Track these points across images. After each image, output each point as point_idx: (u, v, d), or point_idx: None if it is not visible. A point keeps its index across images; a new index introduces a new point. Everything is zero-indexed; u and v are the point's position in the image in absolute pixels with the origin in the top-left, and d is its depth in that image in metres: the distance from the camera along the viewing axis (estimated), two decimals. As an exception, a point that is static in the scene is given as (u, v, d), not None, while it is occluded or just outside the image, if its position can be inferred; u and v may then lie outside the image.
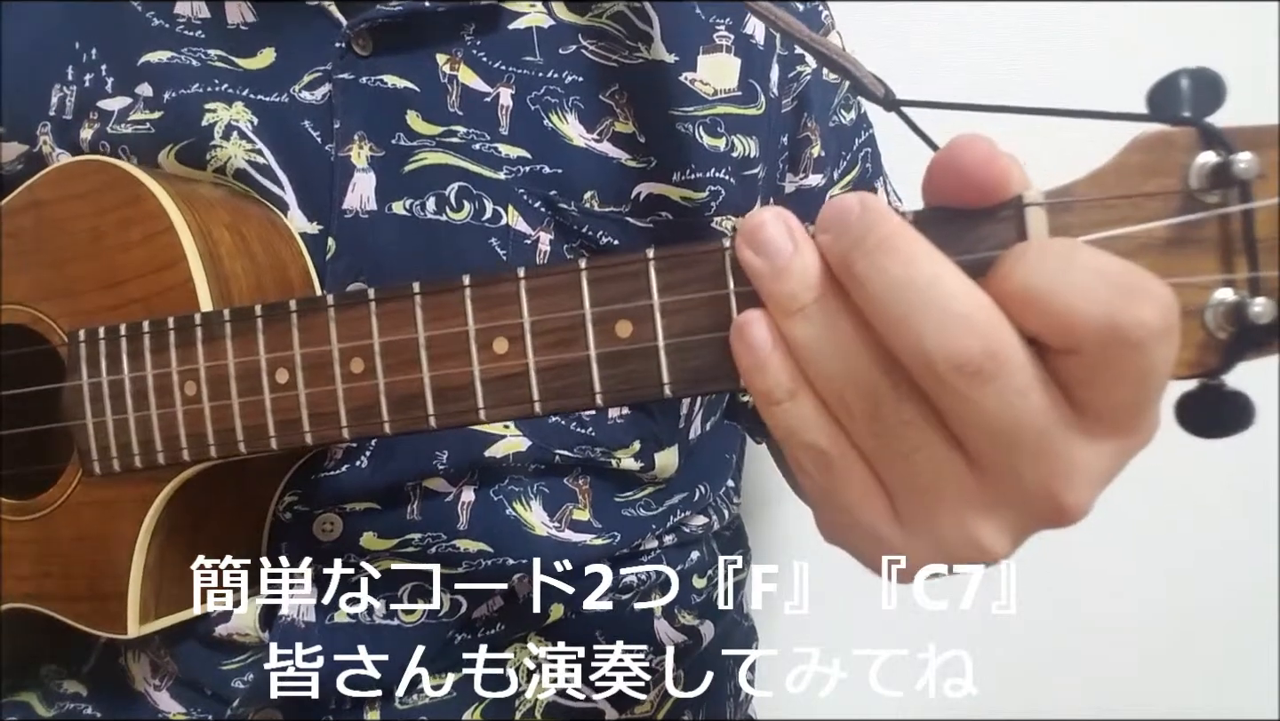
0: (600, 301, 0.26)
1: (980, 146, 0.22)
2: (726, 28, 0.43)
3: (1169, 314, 0.20)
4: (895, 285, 0.21)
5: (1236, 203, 0.22)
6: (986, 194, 0.23)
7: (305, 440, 0.31)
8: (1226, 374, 0.23)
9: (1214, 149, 0.22)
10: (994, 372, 0.21)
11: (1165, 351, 0.20)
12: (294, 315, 0.31)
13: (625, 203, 0.42)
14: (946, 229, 0.23)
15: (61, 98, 0.42)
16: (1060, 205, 0.23)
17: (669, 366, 0.26)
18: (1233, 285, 0.22)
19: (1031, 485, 0.22)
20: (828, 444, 0.23)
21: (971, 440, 0.22)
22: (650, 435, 0.45)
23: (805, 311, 0.23)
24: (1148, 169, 0.23)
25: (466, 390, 0.28)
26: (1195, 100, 0.23)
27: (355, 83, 0.40)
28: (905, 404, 0.22)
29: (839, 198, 0.23)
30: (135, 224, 0.35)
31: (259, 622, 0.40)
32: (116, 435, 0.34)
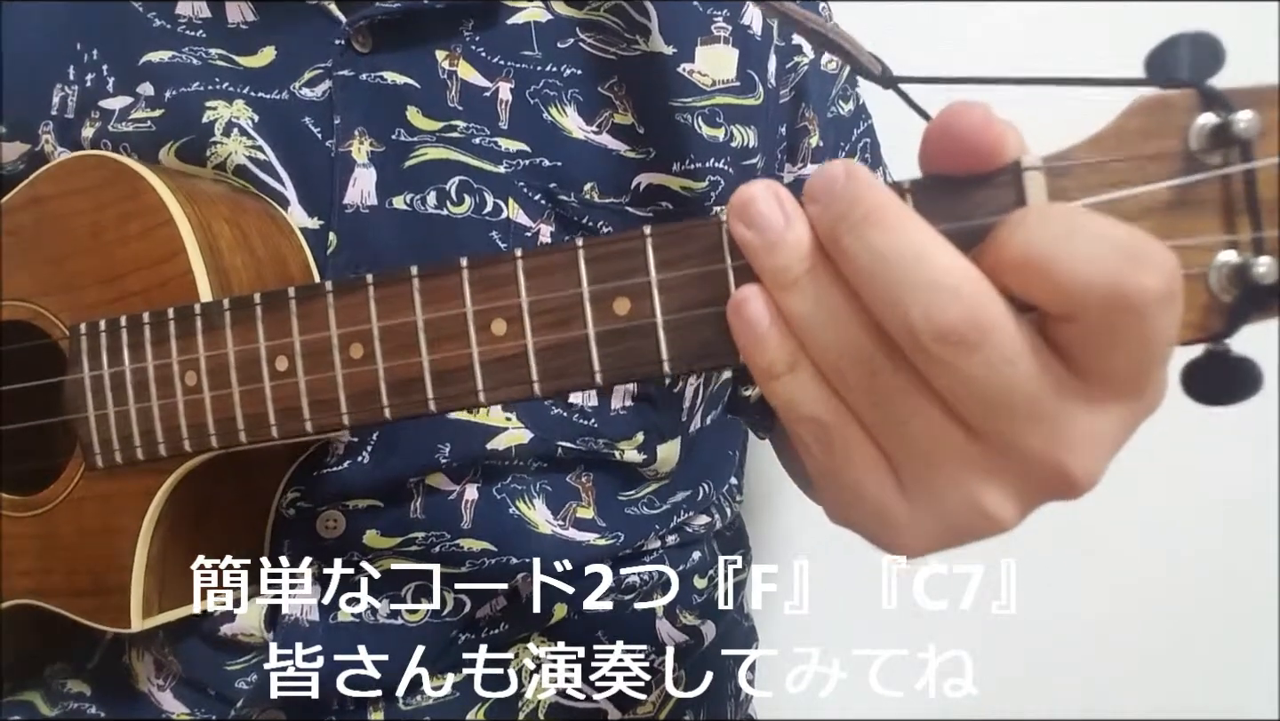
0: (598, 279, 0.26)
1: (975, 112, 0.22)
2: (724, 19, 0.43)
3: (1172, 279, 0.20)
4: (880, 258, 0.21)
5: (1238, 162, 0.22)
6: (983, 159, 0.22)
7: (306, 428, 0.31)
8: (1231, 337, 0.23)
9: (1214, 109, 0.22)
10: (979, 341, 0.21)
11: (1169, 317, 0.20)
12: (293, 302, 0.31)
13: (625, 193, 0.42)
14: (943, 196, 0.23)
15: (63, 97, 0.43)
16: (1059, 169, 0.22)
17: (668, 343, 0.26)
18: (1236, 246, 0.22)
19: (1033, 452, 0.21)
20: (828, 416, 0.23)
21: (964, 408, 0.22)
22: (653, 426, 0.44)
23: (799, 284, 0.23)
24: (1147, 131, 0.23)
25: (465, 372, 0.28)
26: (1194, 64, 0.23)
27: (355, 79, 0.40)
28: (903, 373, 0.22)
29: (825, 166, 0.23)
30: (135, 217, 0.35)
31: (264, 623, 0.40)
32: (118, 427, 0.34)
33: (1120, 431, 0.22)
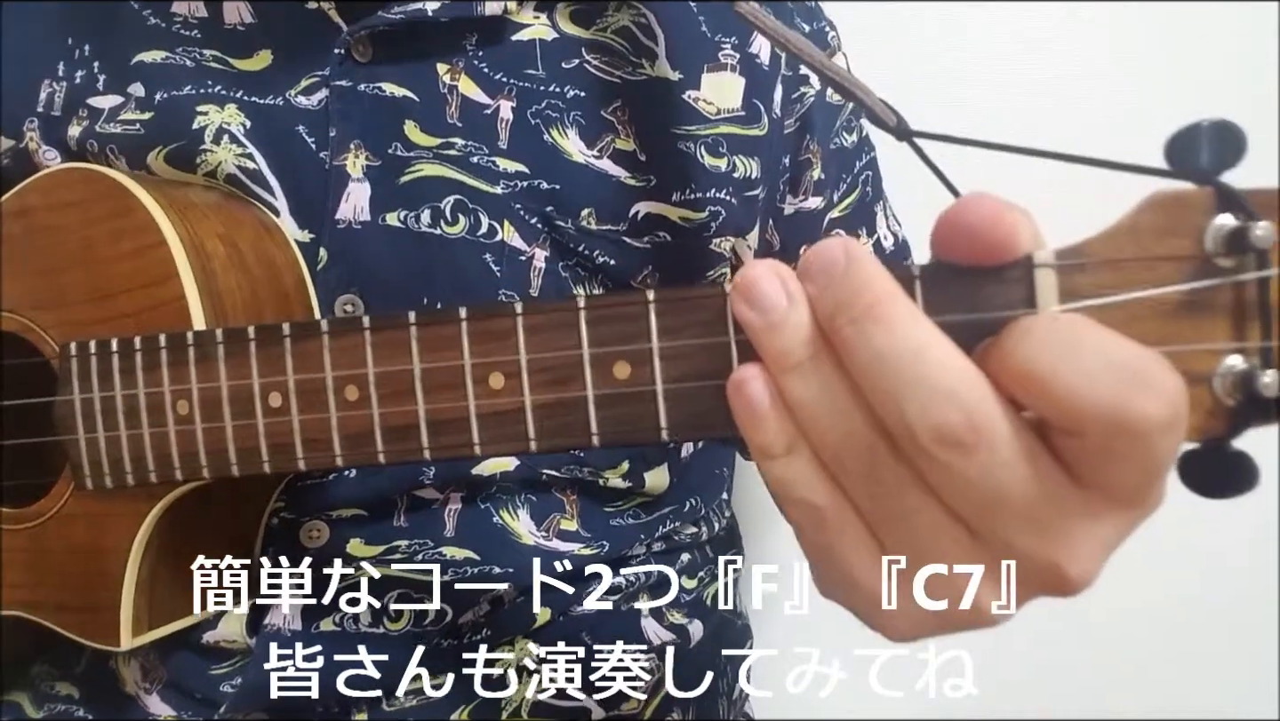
0: (598, 342, 0.26)
1: (987, 205, 0.22)
2: (732, 46, 0.42)
3: (1176, 406, 0.20)
4: (879, 355, 0.21)
5: (1252, 269, 0.21)
6: (995, 254, 0.22)
7: (299, 466, 0.31)
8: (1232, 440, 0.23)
9: (1232, 212, 0.22)
10: (975, 444, 0.20)
11: (1171, 441, 0.20)
12: (287, 340, 0.30)
13: (623, 221, 0.41)
14: (953, 287, 0.23)
15: (50, 94, 0.41)
16: (1071, 266, 0.22)
17: (667, 410, 0.26)
18: (1243, 353, 0.22)
19: (1029, 554, 0.22)
20: (823, 500, 0.23)
21: (962, 508, 0.22)
22: (639, 455, 0.44)
23: (800, 368, 0.22)
24: (1162, 229, 0.22)
25: (462, 424, 0.28)
26: (1214, 153, 0.23)
27: (353, 90, 0.39)
28: (901, 466, 0.22)
29: (823, 245, 0.22)
30: (126, 236, 0.34)
31: (245, 629, 0.40)
32: (108, 451, 0.34)
33: (1116, 536, 0.22)
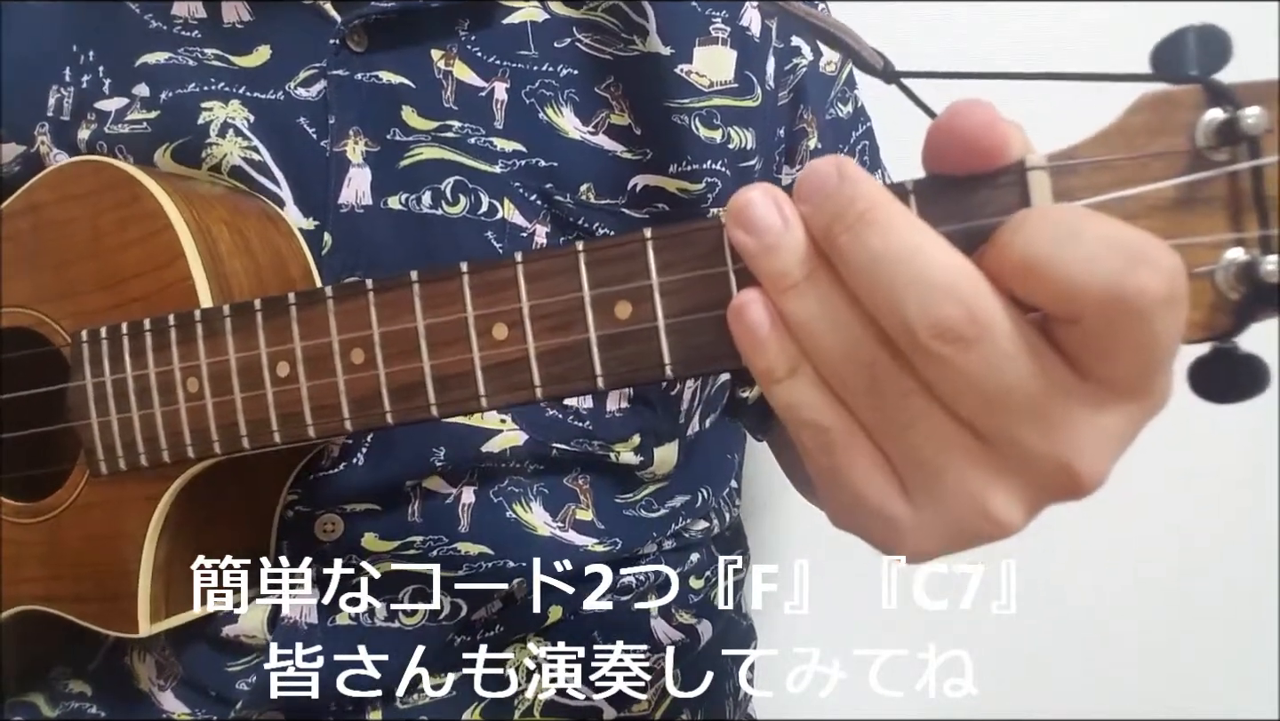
0: (598, 283, 0.26)
1: (980, 111, 0.22)
2: (723, 20, 0.43)
3: (1175, 281, 0.19)
4: (876, 257, 0.21)
5: (1245, 159, 0.21)
6: (988, 159, 0.22)
7: (308, 433, 0.31)
8: (1238, 335, 0.23)
9: (1220, 105, 0.22)
10: (977, 337, 0.20)
11: (1172, 319, 0.20)
12: (293, 308, 0.30)
13: (621, 195, 0.42)
14: (947, 196, 0.23)
15: (59, 99, 0.43)
16: (1064, 168, 0.22)
17: (670, 346, 0.26)
18: (1243, 244, 0.22)
19: (1038, 452, 0.21)
20: (829, 420, 0.23)
21: (966, 409, 0.21)
22: (649, 429, 0.44)
23: (798, 288, 0.23)
24: (1153, 128, 0.22)
25: (467, 377, 0.28)
26: (1201, 58, 0.23)
27: (350, 79, 0.40)
28: (904, 376, 0.22)
29: (816, 162, 0.22)
30: (134, 223, 0.35)
31: (266, 625, 0.40)
32: (121, 433, 0.34)
33: (1126, 431, 0.22)
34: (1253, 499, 0.72)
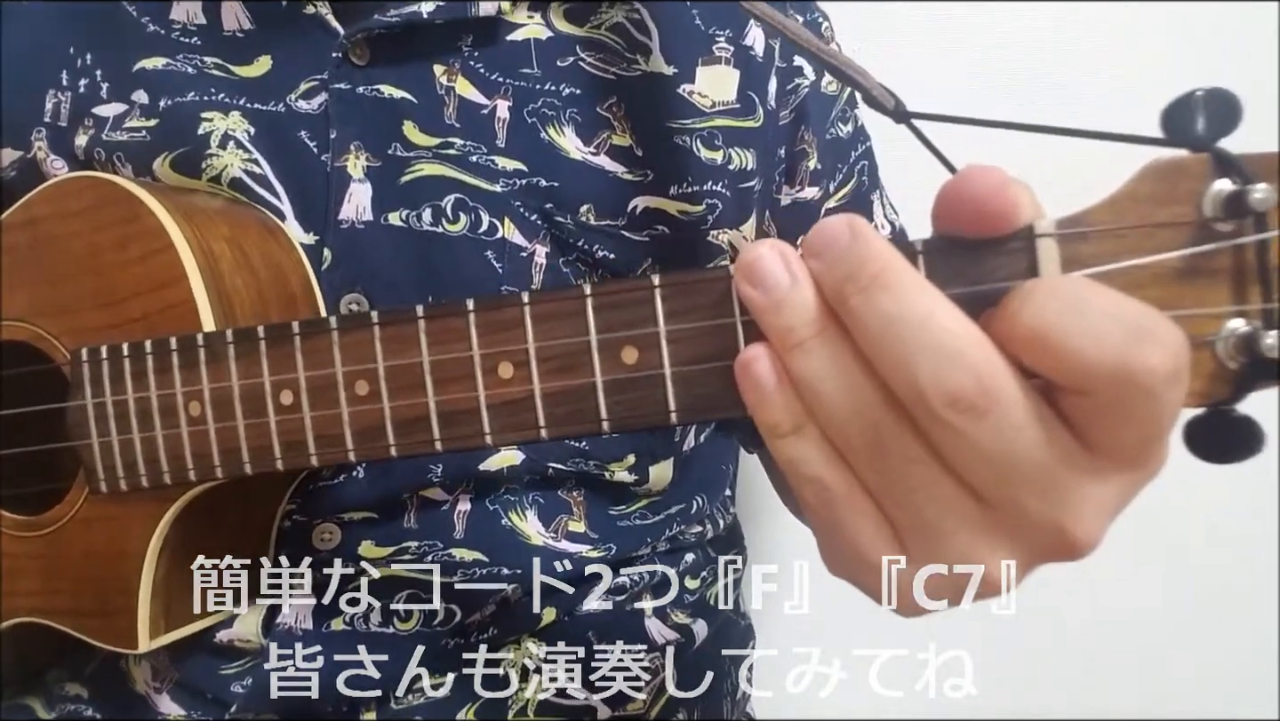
0: (606, 328, 0.26)
1: (990, 176, 0.22)
2: (726, 39, 0.43)
3: (1179, 358, 0.20)
4: (888, 321, 0.21)
5: (1251, 233, 0.22)
6: (996, 224, 0.22)
7: (311, 462, 0.31)
8: (1237, 404, 0.23)
9: (1229, 177, 0.22)
10: (988, 408, 0.21)
11: (1175, 394, 0.20)
12: (297, 337, 0.30)
13: (621, 216, 0.42)
14: (955, 259, 0.23)
15: (56, 103, 0.42)
16: (1072, 235, 0.22)
17: (675, 393, 0.26)
18: (1245, 315, 0.22)
19: (1038, 519, 0.22)
20: (832, 478, 0.23)
21: (973, 475, 0.22)
22: (645, 448, 0.45)
23: (805, 346, 0.23)
24: (1161, 197, 0.22)
25: (472, 415, 0.28)
26: (1210, 122, 0.23)
27: (352, 92, 0.40)
28: (909, 440, 0.22)
29: (827, 221, 0.22)
30: (134, 241, 0.35)
31: (260, 629, 0.40)
32: (122, 454, 0.34)
33: (1122, 498, 0.22)
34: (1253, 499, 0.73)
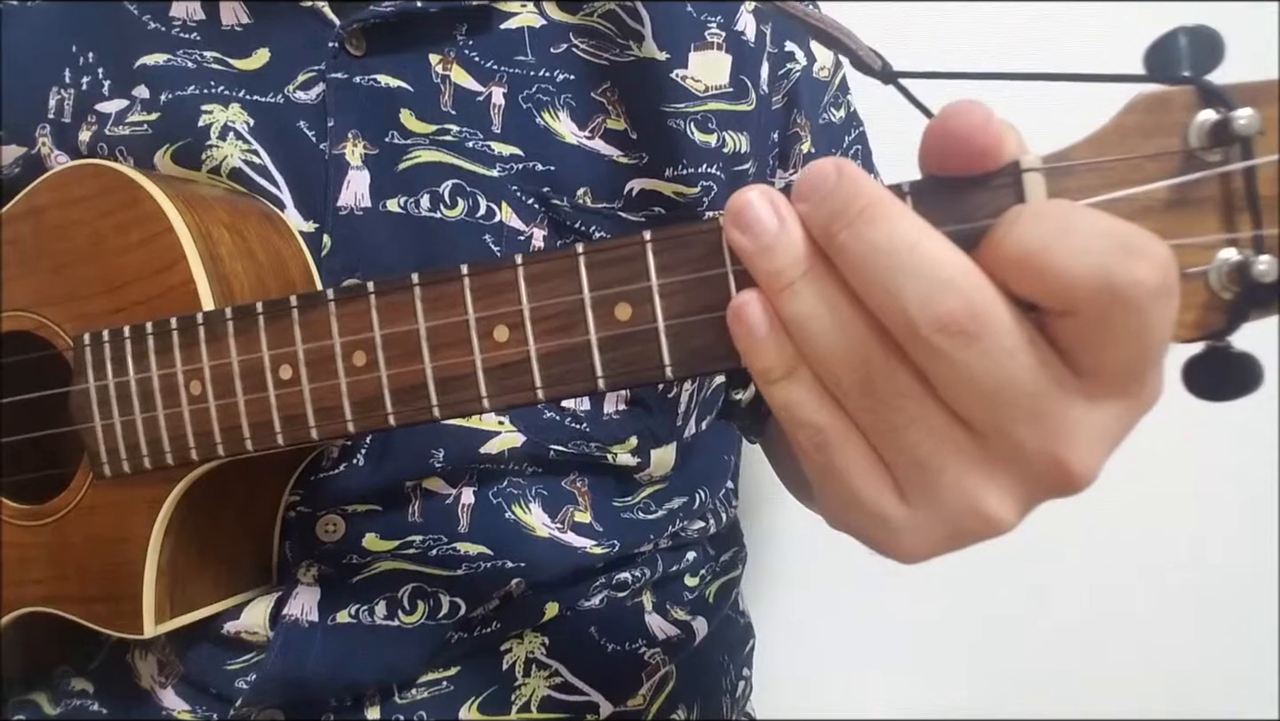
0: (599, 285, 0.26)
1: (974, 112, 0.22)
2: (718, 25, 0.43)
3: (1167, 272, 0.20)
4: (876, 252, 0.21)
5: (1238, 160, 0.22)
6: (982, 160, 0.22)
7: (311, 435, 0.31)
8: (1231, 334, 0.23)
9: (1213, 106, 0.22)
10: (978, 333, 0.21)
11: (1164, 311, 0.20)
12: (295, 311, 0.31)
13: (618, 198, 0.42)
14: (943, 198, 0.23)
15: (60, 100, 0.43)
16: (1058, 170, 0.22)
17: (669, 347, 0.26)
18: (1236, 244, 0.22)
19: (1032, 448, 0.22)
20: (825, 421, 0.23)
21: (965, 405, 0.22)
22: (647, 431, 0.44)
23: (794, 288, 0.23)
24: (1146, 129, 0.22)
25: (469, 379, 0.28)
26: (1193, 58, 0.23)
27: (349, 82, 0.40)
28: (898, 375, 0.22)
29: (814, 163, 0.23)
30: (134, 226, 0.35)
31: (268, 621, 0.40)
32: (125, 437, 0.34)
33: (1118, 427, 0.22)
34: (1253, 498, 0.73)
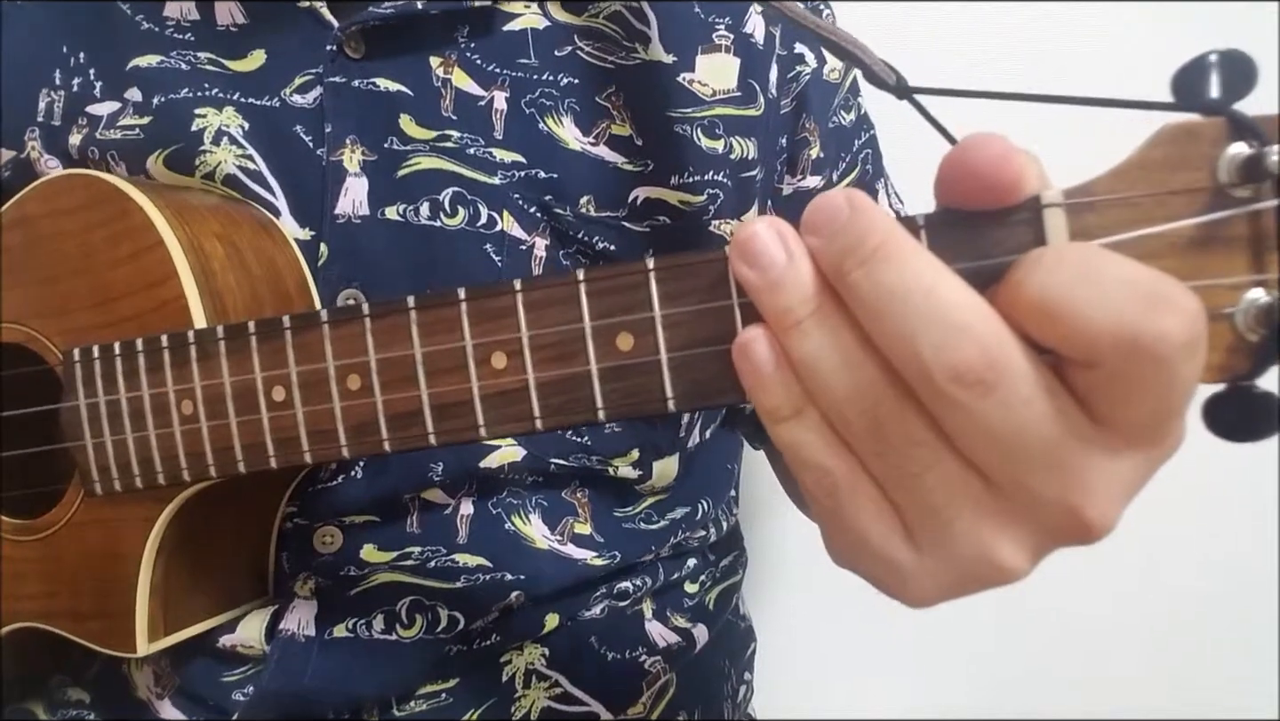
0: (600, 314, 0.26)
1: (994, 144, 0.21)
2: (726, 27, 0.42)
3: (1194, 325, 0.19)
4: (890, 295, 0.20)
5: (1270, 197, 0.21)
6: (1001, 195, 0.21)
7: (305, 459, 0.30)
8: (1257, 379, 0.22)
9: (1244, 140, 0.21)
10: (995, 382, 0.20)
11: (1191, 365, 0.19)
12: (288, 332, 0.30)
13: (622, 207, 0.41)
14: (959, 232, 0.22)
15: (49, 103, 0.42)
16: (1080, 205, 0.21)
17: (672, 380, 0.25)
18: (1264, 285, 0.21)
19: (1049, 499, 0.21)
20: (833, 464, 0.22)
21: (980, 454, 0.21)
22: (649, 444, 0.44)
23: (802, 326, 0.22)
24: (1173, 163, 0.21)
25: (466, 406, 0.27)
26: (1225, 85, 0.22)
27: (347, 86, 0.39)
28: (910, 421, 0.21)
29: (825, 195, 0.22)
30: (125, 239, 0.34)
31: (264, 635, 0.40)
32: (116, 455, 0.33)
33: (1137, 477, 0.21)
34: (1253, 498, 0.72)
